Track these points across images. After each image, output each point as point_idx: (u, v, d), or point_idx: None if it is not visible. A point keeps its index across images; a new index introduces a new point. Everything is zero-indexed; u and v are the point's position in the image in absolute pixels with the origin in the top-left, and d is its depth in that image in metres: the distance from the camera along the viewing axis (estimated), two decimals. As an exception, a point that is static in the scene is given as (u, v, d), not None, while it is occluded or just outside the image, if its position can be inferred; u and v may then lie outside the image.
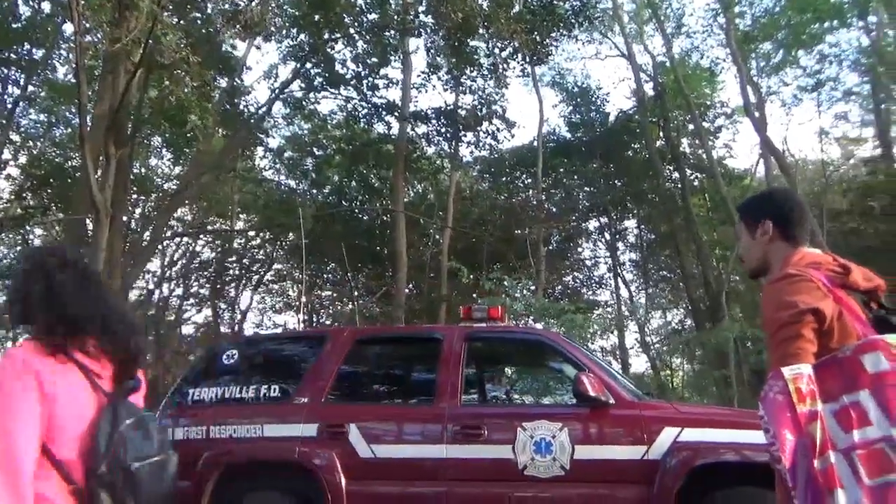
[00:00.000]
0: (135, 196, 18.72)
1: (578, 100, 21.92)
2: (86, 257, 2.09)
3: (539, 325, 12.00)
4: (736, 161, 22.24)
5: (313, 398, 4.43)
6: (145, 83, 10.82)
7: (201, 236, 21.57)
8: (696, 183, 20.62)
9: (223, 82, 14.19)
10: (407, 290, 19.97)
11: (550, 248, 20.16)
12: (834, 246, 16.89)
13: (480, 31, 11.48)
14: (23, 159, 17.84)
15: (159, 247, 19.94)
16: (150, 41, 8.52)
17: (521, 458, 3.99)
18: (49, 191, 17.33)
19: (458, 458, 4.09)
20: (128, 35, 8.88)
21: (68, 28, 11.15)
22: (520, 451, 4.00)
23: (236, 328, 22.12)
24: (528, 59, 13.19)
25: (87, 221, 10.69)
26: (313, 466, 4.15)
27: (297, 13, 13.81)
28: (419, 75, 15.69)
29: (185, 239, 21.03)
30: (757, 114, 14.47)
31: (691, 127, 19.01)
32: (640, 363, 23.82)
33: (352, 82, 15.15)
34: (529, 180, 21.42)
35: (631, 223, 23.66)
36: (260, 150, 19.02)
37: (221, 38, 8.60)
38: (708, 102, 20.12)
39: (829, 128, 22.35)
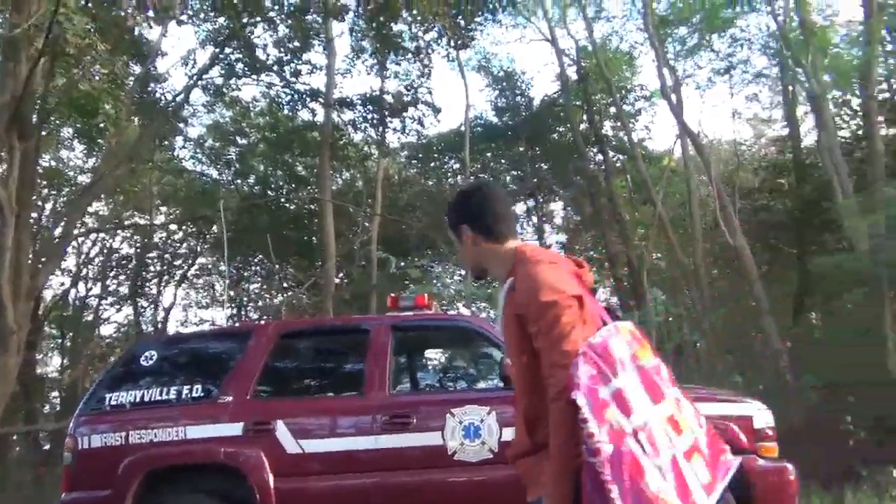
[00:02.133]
0: (45, 191, 17.70)
1: (504, 84, 22.07)
2: None
3: (468, 312, 12.15)
4: (655, 143, 23.02)
5: (238, 396, 4.33)
6: (51, 71, 10.18)
7: (119, 231, 20.62)
8: (618, 164, 21.19)
9: (136, 69, 13.54)
10: (337, 281, 19.76)
11: (481, 232, 20.31)
12: (746, 222, 17.76)
13: (404, 13, 11.36)
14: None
15: (74, 244, 18.98)
16: (54, 26, 8.02)
17: (451, 444, 4.04)
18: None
19: (389, 447, 4.10)
20: (28, 20, 8.35)
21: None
22: (449, 436, 4.05)
23: (159, 326, 21.34)
24: (452, 44, 13.17)
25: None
26: (240, 466, 4.07)
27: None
28: (344, 60, 15.44)
29: (102, 235, 20.07)
30: (674, 96, 14.94)
31: (613, 110, 19.48)
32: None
33: (274, 68, 14.73)
34: (458, 165, 21.50)
35: (557, 205, 24.16)
36: (179, 140, 18.29)
37: (132, 23, 8.16)
38: (628, 86, 20.65)
39: (742, 109, 23.47)
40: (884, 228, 9.74)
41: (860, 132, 14.96)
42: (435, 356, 5.55)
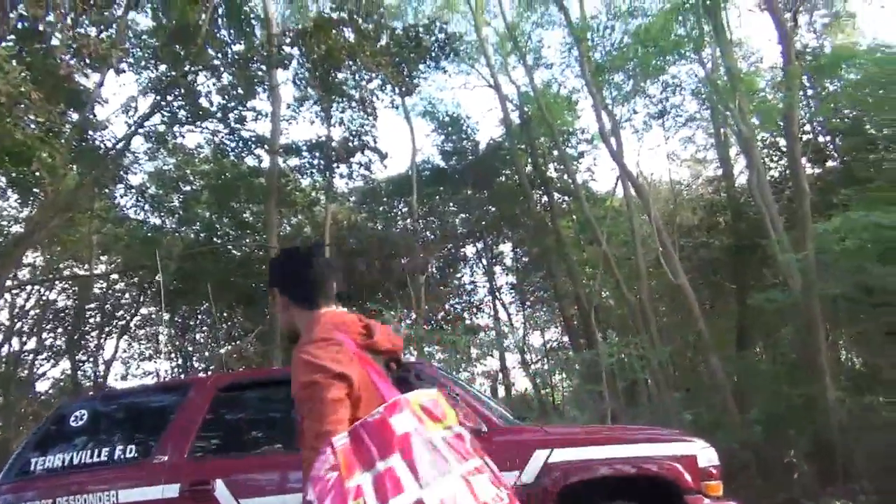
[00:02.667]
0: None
1: (450, 129, 22.48)
2: None
3: (413, 357, 12.02)
4: (598, 184, 23.64)
5: (174, 455, 4.14)
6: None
7: (56, 283, 19.83)
8: (563, 206, 21.65)
9: (74, 116, 13.25)
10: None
11: (430, 275, 20.36)
12: (688, 259, 18.30)
13: (347, 63, 11.50)
14: None
15: (7, 297, 18.13)
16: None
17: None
18: None
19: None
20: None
21: None
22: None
23: (99, 381, 20.42)
24: (396, 91, 13.38)
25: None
26: (176, 530, 3.87)
27: (155, 43, 13.22)
28: (288, 107, 15.46)
29: (37, 287, 19.25)
30: (613, 140, 15.45)
31: (556, 153, 19.99)
32: (524, 383, 24.47)
33: (217, 115, 14.64)
34: (406, 209, 21.61)
35: (506, 247, 24.44)
36: (120, 188, 17.85)
37: (65, 71, 8.00)
38: (570, 129, 21.29)
39: (678, 151, 24.45)
40: (814, 263, 10.17)
41: (787, 172, 15.72)
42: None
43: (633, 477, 4.07)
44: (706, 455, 4.20)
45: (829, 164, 17.38)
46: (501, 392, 20.63)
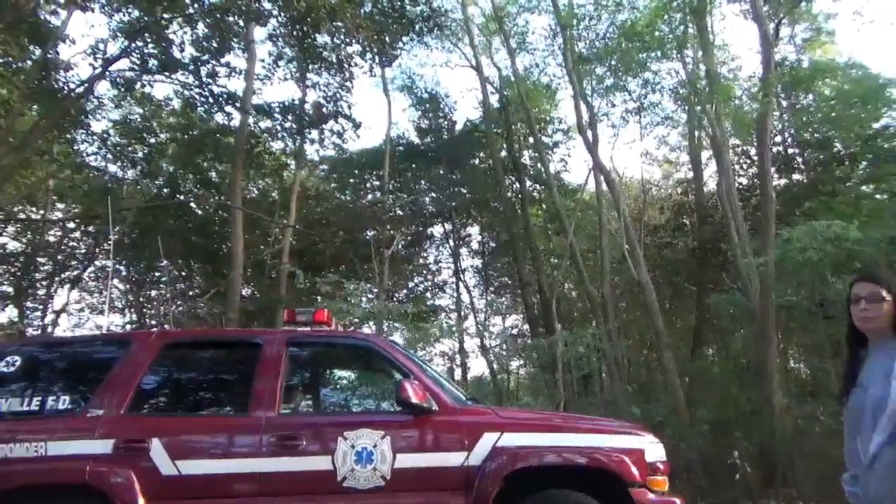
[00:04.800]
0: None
1: (427, 106, 22.23)
2: None
3: (369, 329, 11.93)
4: (571, 175, 23.71)
5: (110, 410, 3.97)
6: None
7: (8, 225, 19.08)
8: (534, 194, 21.65)
9: (36, 52, 12.63)
10: (247, 292, 19.03)
11: (397, 251, 20.21)
12: (652, 258, 18.49)
13: (326, 24, 11.16)
14: None
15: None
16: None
17: (342, 470, 3.84)
18: None
19: (275, 471, 3.86)
20: None
21: None
22: (340, 461, 3.86)
23: (47, 330, 19.83)
24: (375, 60, 13.08)
25: None
26: (106, 488, 3.70)
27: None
28: (264, 66, 15.01)
29: (-14, 227, 18.51)
30: (590, 132, 15.43)
31: (532, 140, 19.93)
32: (481, 366, 24.60)
33: (189, 67, 14.12)
34: (377, 183, 21.35)
35: (474, 230, 24.36)
36: (82, 133, 17.17)
37: (27, 2, 7.57)
38: (547, 118, 21.24)
39: (653, 150, 24.61)
40: (773, 270, 10.33)
41: (756, 181, 15.94)
42: (331, 375, 5.32)
43: (581, 466, 4.04)
44: (654, 450, 4.20)
45: (796, 176, 17.69)
46: (459, 374, 20.68)
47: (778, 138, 17.88)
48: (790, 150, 18.08)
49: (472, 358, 22.69)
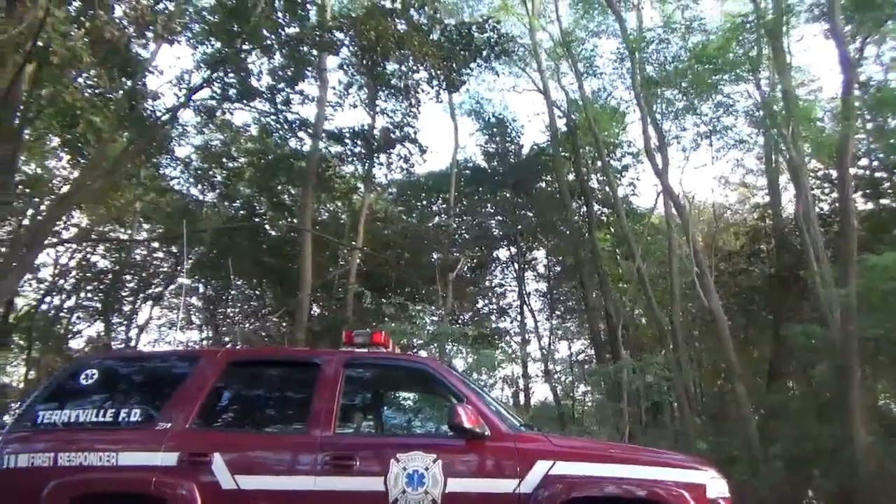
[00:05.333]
0: (28, 200, 17.45)
1: (494, 129, 22.35)
2: None
3: (432, 352, 11.97)
4: (640, 199, 23.24)
5: (177, 424, 4.14)
6: (35, 78, 10.13)
7: (95, 245, 20.31)
8: (602, 218, 21.34)
9: (127, 83, 13.50)
10: (315, 311, 19.51)
11: (462, 273, 20.29)
12: (725, 285, 17.85)
13: (395, 52, 11.48)
14: None
15: (52, 254, 18.68)
16: (43, 34, 7.98)
17: (393, 491, 3.86)
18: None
19: (328, 490, 3.92)
20: (17, 27, 8.31)
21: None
22: (391, 483, 3.88)
23: (130, 344, 20.89)
24: (443, 86, 13.31)
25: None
26: (170, 499, 3.86)
27: (213, 19, 13.40)
28: (334, 92, 15.54)
29: (79, 246, 19.74)
30: (658, 156, 15.13)
31: (599, 164, 19.70)
32: (545, 391, 24.21)
33: (266, 95, 14.79)
34: (444, 205, 21.56)
35: (540, 254, 24.17)
36: (167, 159, 18.19)
37: (110, 36, 8.15)
38: (616, 141, 20.97)
39: (726, 173, 23.81)
40: (855, 301, 9.78)
41: (837, 205, 15.19)
42: (387, 396, 5.38)
43: (639, 499, 3.92)
44: (716, 486, 4.03)
45: (884, 200, 16.74)
46: (522, 399, 20.45)
47: (863, 161, 17.00)
48: (876, 174, 17.16)
49: (536, 383, 22.41)
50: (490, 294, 24.20)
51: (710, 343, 18.80)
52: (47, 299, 20.15)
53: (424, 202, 22.68)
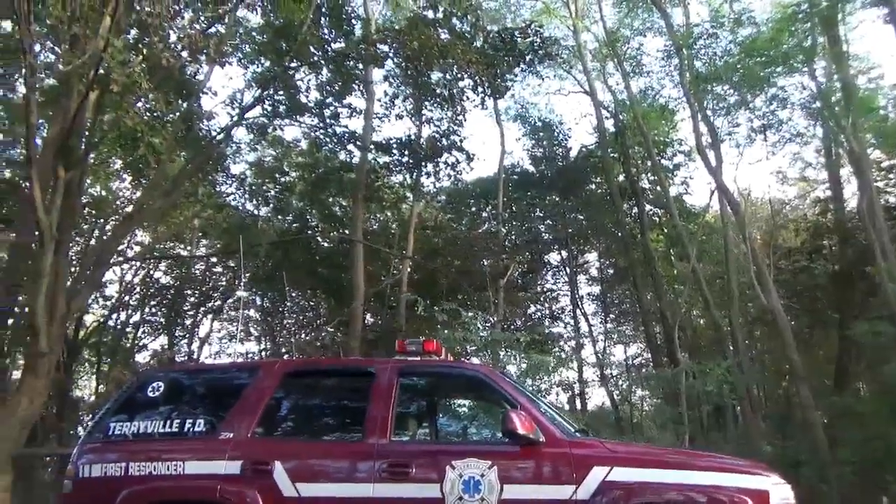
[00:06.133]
0: (94, 220, 18.30)
1: (541, 134, 22.25)
2: None
3: (478, 360, 11.94)
4: (693, 198, 22.72)
5: (239, 433, 4.29)
6: (98, 105, 10.63)
7: (161, 261, 21.11)
8: (654, 218, 20.96)
9: (183, 105, 14.03)
10: (369, 320, 19.78)
11: (512, 279, 20.23)
12: (786, 283, 17.26)
13: (438, 61, 11.60)
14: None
15: (118, 272, 19.51)
16: (103, 63, 8.39)
17: (449, 498, 3.90)
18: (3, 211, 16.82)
19: (385, 497, 3.99)
20: (80, 57, 8.74)
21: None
22: (448, 490, 3.92)
23: (193, 356, 21.61)
24: (487, 93, 13.36)
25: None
26: (235, 506, 4.00)
27: (262, 39, 13.81)
28: (381, 104, 15.78)
29: (142, 263, 20.57)
30: (712, 153, 14.79)
31: (650, 163, 19.38)
32: (601, 396, 23.89)
33: (314, 110, 15.14)
34: (492, 212, 21.57)
35: (592, 256, 23.90)
36: (222, 176, 18.80)
37: (165, 62, 8.51)
38: (666, 140, 20.58)
39: (786, 168, 23.04)
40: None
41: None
42: (441, 404, 5.43)
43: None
44: (780, 492, 3.93)
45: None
46: (578, 405, 20.21)
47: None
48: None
49: (592, 387, 22.11)
50: (542, 299, 24.04)
51: (772, 344, 18.20)
52: (114, 315, 21.03)
53: (473, 209, 22.72)
